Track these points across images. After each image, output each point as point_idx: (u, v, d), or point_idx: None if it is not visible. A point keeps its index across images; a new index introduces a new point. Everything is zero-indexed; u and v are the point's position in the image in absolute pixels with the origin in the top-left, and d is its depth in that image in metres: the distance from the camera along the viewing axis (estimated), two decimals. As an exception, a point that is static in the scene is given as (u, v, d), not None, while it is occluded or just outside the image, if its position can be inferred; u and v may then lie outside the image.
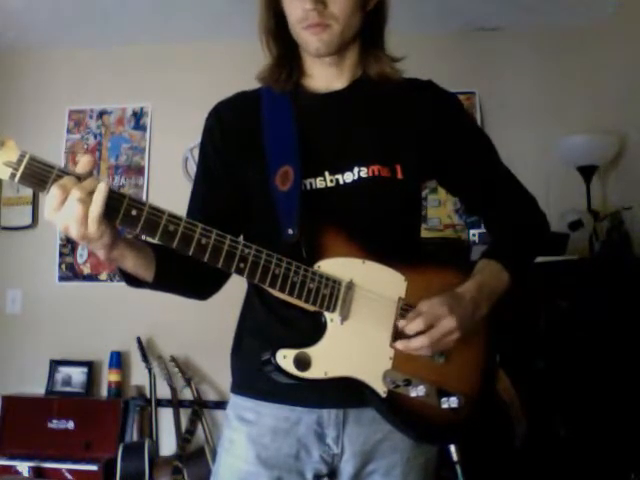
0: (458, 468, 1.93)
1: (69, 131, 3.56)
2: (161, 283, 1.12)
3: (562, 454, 2.26)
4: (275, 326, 1.17)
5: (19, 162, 0.91)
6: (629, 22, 3.00)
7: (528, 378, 2.25)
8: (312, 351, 1.06)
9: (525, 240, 1.28)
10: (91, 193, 0.92)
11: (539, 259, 1.32)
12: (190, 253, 1.00)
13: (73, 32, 3.40)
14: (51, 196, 0.91)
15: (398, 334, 1.11)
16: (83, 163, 0.95)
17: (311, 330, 1.08)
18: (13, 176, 0.91)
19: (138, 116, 3.52)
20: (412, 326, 1.08)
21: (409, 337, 1.09)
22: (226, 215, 1.22)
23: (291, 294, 1.06)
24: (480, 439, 1.25)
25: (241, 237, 1.23)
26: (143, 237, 1.04)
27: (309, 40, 1.17)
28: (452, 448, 1.94)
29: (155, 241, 1.00)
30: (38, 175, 0.92)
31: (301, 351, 1.05)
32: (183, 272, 1.15)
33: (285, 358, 1.04)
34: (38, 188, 0.93)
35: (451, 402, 1.11)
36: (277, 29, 1.23)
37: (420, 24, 3.21)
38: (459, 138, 1.26)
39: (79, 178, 0.93)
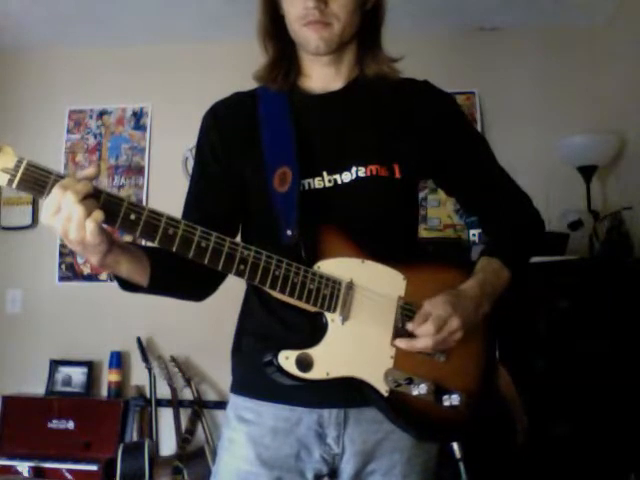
0: (461, 465, 1.93)
1: (69, 131, 3.56)
2: (156, 287, 1.12)
3: (562, 454, 2.26)
4: (276, 327, 1.17)
5: (16, 168, 0.91)
6: (629, 22, 3.00)
7: (528, 378, 2.25)
8: (314, 352, 1.06)
9: (523, 238, 1.28)
10: (87, 196, 0.92)
11: (539, 259, 1.33)
12: (190, 256, 1.00)
13: (73, 32, 3.40)
14: (51, 198, 0.91)
15: (399, 333, 1.11)
16: (86, 172, 0.95)
17: (312, 331, 1.09)
18: (11, 182, 0.92)
19: (138, 116, 3.52)
20: (422, 330, 1.08)
21: (410, 335, 1.09)
22: (223, 215, 1.22)
23: (292, 295, 1.06)
24: (482, 436, 1.25)
25: (238, 238, 1.24)
26: (143, 242, 1.04)
27: (310, 37, 1.17)
28: (455, 446, 1.94)
29: (154, 245, 1.00)
30: (36, 181, 0.92)
31: (303, 352, 1.05)
32: (178, 275, 1.15)
33: (287, 359, 1.04)
34: (36, 194, 0.93)
35: (452, 400, 1.11)
36: (274, 29, 1.24)
37: (420, 24, 3.22)
38: (456, 137, 1.27)
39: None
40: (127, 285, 1.10)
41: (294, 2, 1.16)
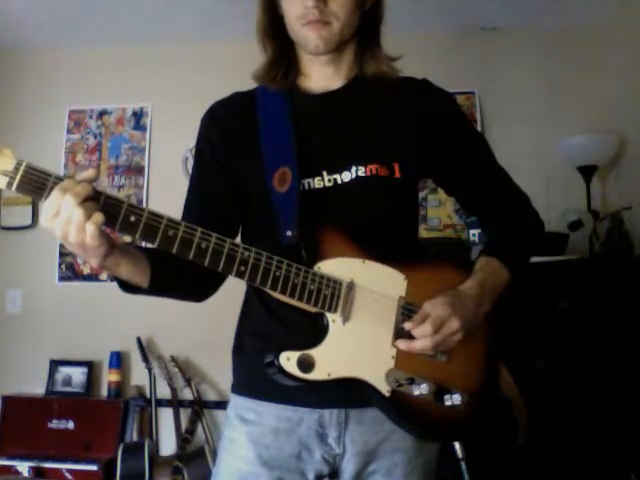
0: (463, 465, 1.93)
1: (69, 131, 3.55)
2: (156, 288, 1.12)
3: (563, 454, 2.26)
4: (276, 327, 1.17)
5: (15, 171, 0.91)
6: (629, 22, 3.00)
7: (528, 378, 2.24)
8: (315, 352, 1.06)
9: (523, 238, 1.28)
10: (87, 198, 0.92)
11: (539, 259, 1.33)
12: (190, 257, 1.00)
13: (73, 32, 3.40)
14: (51, 200, 0.91)
15: (400, 333, 1.11)
16: (85, 174, 0.95)
17: (313, 331, 1.09)
18: (10, 185, 0.91)
19: (138, 116, 3.51)
20: (420, 330, 1.08)
21: (410, 336, 1.09)
22: (222, 216, 1.22)
23: (292, 296, 1.05)
24: (484, 436, 1.25)
25: (238, 238, 1.24)
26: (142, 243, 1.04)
27: (309, 36, 1.17)
28: (457, 445, 1.94)
29: (154, 246, 1.00)
30: (35, 183, 0.92)
31: (304, 353, 1.05)
32: (178, 277, 1.15)
33: (288, 360, 1.04)
34: (35, 196, 0.93)
35: (454, 399, 1.12)
36: (273, 28, 1.24)
37: (420, 24, 3.22)
38: (456, 137, 1.27)
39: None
40: (127, 286, 1.10)
41: (294, 1, 1.16)
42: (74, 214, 0.91)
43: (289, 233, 1.09)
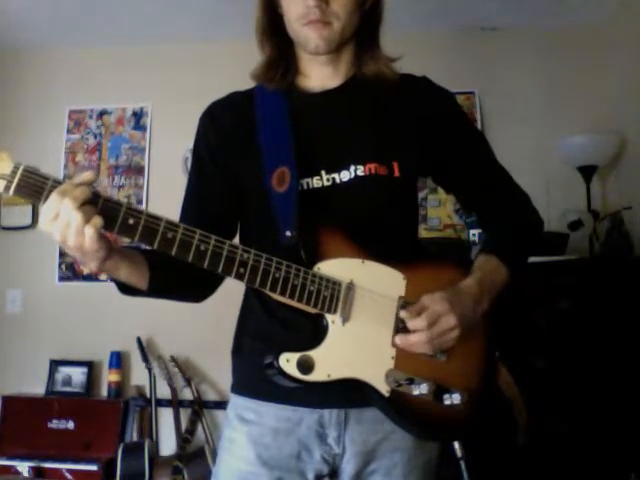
0: (462, 464, 1.94)
1: (69, 131, 3.55)
2: (155, 290, 1.12)
3: (562, 454, 2.26)
4: (276, 328, 1.16)
5: (13, 174, 0.91)
6: (629, 22, 3.00)
7: (528, 377, 2.25)
8: (315, 354, 1.06)
9: (522, 237, 1.28)
10: (85, 202, 0.92)
11: (539, 259, 1.32)
12: (189, 259, 1.00)
13: (73, 32, 3.40)
14: (49, 204, 0.91)
15: (399, 333, 1.11)
16: (84, 177, 0.95)
17: (313, 332, 1.08)
18: (7, 188, 0.91)
19: (138, 116, 3.51)
20: (414, 323, 1.08)
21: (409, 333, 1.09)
22: (220, 216, 1.22)
23: (292, 297, 1.05)
24: (483, 435, 1.25)
25: (237, 239, 1.24)
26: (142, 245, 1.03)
27: (310, 36, 1.17)
28: (456, 444, 1.94)
29: (153, 248, 0.99)
30: (33, 187, 0.91)
31: (304, 354, 1.05)
32: (177, 278, 1.14)
33: (288, 362, 1.04)
34: (34, 200, 0.92)
35: (454, 399, 1.11)
36: (272, 28, 1.23)
37: (420, 23, 3.22)
38: (456, 135, 1.26)
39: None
40: (126, 288, 1.10)
41: (295, 0, 1.15)
42: (73, 218, 0.91)
43: (288, 233, 1.09)
